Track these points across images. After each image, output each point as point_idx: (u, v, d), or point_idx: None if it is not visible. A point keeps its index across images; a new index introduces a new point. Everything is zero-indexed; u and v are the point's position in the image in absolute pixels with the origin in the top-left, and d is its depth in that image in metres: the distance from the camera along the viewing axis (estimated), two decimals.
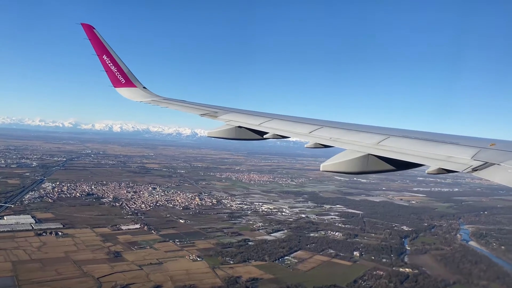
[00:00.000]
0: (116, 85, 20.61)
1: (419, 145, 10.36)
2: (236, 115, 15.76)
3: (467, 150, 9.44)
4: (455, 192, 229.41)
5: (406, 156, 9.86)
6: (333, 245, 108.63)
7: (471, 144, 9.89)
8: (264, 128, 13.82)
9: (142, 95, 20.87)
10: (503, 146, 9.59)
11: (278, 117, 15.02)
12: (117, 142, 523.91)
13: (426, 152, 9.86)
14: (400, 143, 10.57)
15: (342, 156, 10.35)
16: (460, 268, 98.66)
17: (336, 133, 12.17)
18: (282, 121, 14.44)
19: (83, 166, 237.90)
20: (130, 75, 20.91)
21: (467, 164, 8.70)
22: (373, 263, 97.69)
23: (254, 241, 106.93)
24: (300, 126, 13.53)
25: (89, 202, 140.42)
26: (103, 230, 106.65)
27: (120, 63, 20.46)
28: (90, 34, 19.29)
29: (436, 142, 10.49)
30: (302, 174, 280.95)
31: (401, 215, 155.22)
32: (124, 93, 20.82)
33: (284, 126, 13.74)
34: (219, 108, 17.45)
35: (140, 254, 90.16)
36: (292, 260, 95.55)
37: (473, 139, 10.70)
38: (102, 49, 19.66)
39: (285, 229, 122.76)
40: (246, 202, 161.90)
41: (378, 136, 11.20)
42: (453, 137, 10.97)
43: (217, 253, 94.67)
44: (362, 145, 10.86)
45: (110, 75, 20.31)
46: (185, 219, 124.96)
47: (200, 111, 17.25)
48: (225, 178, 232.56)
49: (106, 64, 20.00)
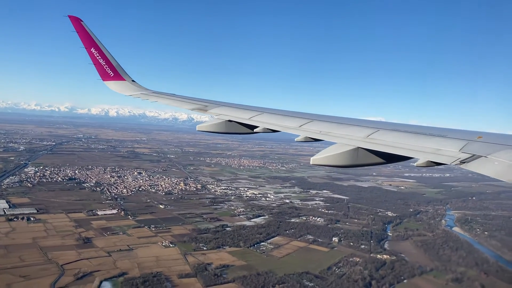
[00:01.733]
0: (105, 78, 20.40)
1: (408, 138, 10.51)
2: (226, 109, 15.74)
3: (455, 142, 9.59)
4: (446, 177, 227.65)
5: (395, 149, 9.98)
6: (313, 231, 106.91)
7: (459, 137, 10.02)
8: (254, 122, 13.85)
9: (131, 89, 20.76)
10: (490, 138, 9.79)
11: (268, 111, 15.04)
12: (111, 126, 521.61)
13: (415, 145, 9.99)
14: (389, 137, 10.72)
15: (332, 149, 10.45)
16: (439, 254, 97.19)
17: (326, 127, 12.30)
18: (272, 114, 14.45)
19: (71, 151, 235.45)
20: (118, 68, 20.75)
21: (455, 157, 8.86)
22: (351, 249, 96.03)
23: (232, 227, 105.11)
24: (290, 119, 13.56)
25: (69, 187, 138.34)
26: (78, 215, 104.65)
27: (109, 56, 20.21)
28: (78, 27, 19.00)
29: (424, 135, 10.63)
30: (293, 159, 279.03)
31: (388, 200, 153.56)
32: (113, 86, 20.64)
33: (274, 120, 13.78)
34: (209, 102, 17.34)
35: (111, 240, 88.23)
36: (268, 246, 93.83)
37: (460, 132, 10.85)
38: (90, 42, 19.39)
39: (266, 214, 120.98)
40: (231, 187, 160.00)
41: (367, 130, 11.36)
42: (441, 130, 11.08)
43: (191, 239, 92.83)
44: (352, 138, 11.01)
45: (99, 68, 20.09)
46: (166, 205, 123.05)
47: (190, 105, 17.18)
48: (215, 163, 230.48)
49: (94, 57, 19.76)
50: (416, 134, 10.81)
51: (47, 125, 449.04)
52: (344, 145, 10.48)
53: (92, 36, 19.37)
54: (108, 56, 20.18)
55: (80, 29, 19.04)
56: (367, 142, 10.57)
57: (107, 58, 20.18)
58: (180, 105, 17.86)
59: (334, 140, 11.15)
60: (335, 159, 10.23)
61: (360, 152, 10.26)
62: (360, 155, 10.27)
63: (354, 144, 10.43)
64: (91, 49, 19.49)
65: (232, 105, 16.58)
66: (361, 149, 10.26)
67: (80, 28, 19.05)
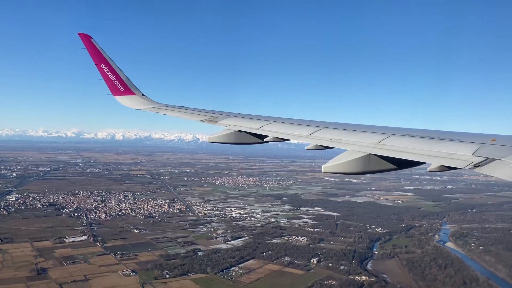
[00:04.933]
0: (115, 93, 20.51)
1: (419, 143, 10.30)
2: (235, 120, 15.79)
3: (468, 146, 9.40)
4: (447, 189, 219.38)
5: (407, 154, 9.83)
6: (292, 252, 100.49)
7: (472, 140, 9.79)
8: (264, 132, 13.84)
9: (141, 103, 20.81)
10: (504, 141, 9.51)
11: (278, 120, 15.04)
12: (115, 150, 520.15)
13: (427, 149, 9.80)
14: (400, 142, 10.55)
15: (343, 157, 10.31)
16: (424, 273, 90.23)
17: (337, 134, 12.20)
18: (282, 124, 14.47)
19: (64, 176, 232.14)
20: (128, 83, 20.85)
21: (468, 161, 8.67)
22: (329, 271, 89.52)
23: (205, 251, 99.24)
24: (300, 128, 13.50)
25: (47, 213, 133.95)
26: (43, 244, 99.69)
27: (118, 71, 20.32)
28: (88, 44, 19.23)
29: (437, 139, 10.39)
30: (292, 176, 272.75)
31: (380, 216, 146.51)
32: (123, 101, 20.75)
33: (284, 129, 13.76)
34: (219, 113, 17.28)
35: (69, 270, 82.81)
36: (238, 271, 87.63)
37: (474, 135, 10.46)
38: (100, 58, 19.57)
39: (246, 236, 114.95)
40: (218, 207, 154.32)
41: (378, 136, 11.22)
42: (454, 134, 10.82)
43: (156, 266, 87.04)
44: (363, 145, 10.87)
45: (109, 83, 20.21)
46: (141, 229, 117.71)
47: (200, 117, 17.15)
48: (209, 183, 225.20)
49: (105, 73, 19.90)
50: (428, 138, 10.55)
51: (49, 150, 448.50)
52: (355, 152, 10.37)
53: (101, 52, 19.53)
54: (118, 71, 20.25)
55: (89, 46, 19.25)
56: (379, 148, 10.46)
57: (117, 73, 20.24)
58: (190, 117, 17.72)
59: (345, 147, 11.04)
60: (347, 166, 10.12)
61: (371, 158, 10.16)
62: (372, 161, 10.16)
63: (366, 150, 10.32)
64: (101, 65, 19.63)
65: (242, 115, 16.51)
66: (373, 155, 10.15)
67: (90, 45, 19.25)
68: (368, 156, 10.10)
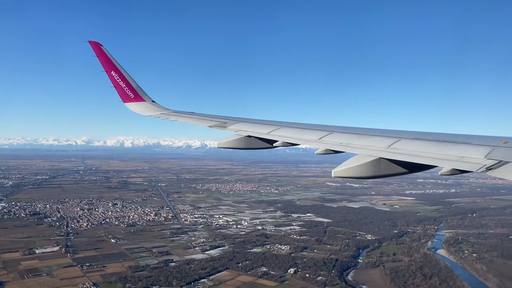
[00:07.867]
0: (125, 100, 20.68)
1: (430, 146, 10.12)
2: (245, 125, 15.78)
3: (480, 149, 9.20)
4: (450, 193, 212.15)
5: (418, 158, 9.61)
6: (270, 262, 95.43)
7: (484, 143, 9.58)
8: (273, 137, 13.74)
9: (151, 109, 20.93)
10: None
11: (287, 124, 15.02)
12: (120, 157, 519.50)
13: (438, 153, 9.65)
14: (411, 146, 10.38)
15: (353, 161, 10.15)
16: (407, 284, 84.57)
17: (346, 138, 12.04)
18: (291, 128, 14.38)
19: (59, 184, 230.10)
20: (138, 90, 21.00)
21: (480, 164, 8.49)
22: (305, 282, 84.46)
23: (177, 262, 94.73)
24: (309, 132, 13.35)
25: (28, 222, 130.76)
26: (11, 255, 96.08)
27: (128, 78, 20.49)
28: (98, 51, 19.50)
29: (448, 142, 10.17)
30: (292, 181, 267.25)
31: (374, 222, 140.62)
32: (133, 107, 20.85)
33: (294, 134, 13.63)
34: (228, 119, 17.17)
35: (27, 284, 78.93)
36: (207, 283, 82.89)
37: (485, 138, 10.25)
38: (110, 65, 19.82)
39: (227, 245, 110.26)
40: (206, 215, 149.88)
41: (389, 140, 11.01)
42: (466, 137, 10.50)
43: (121, 278, 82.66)
44: (373, 149, 10.69)
45: (119, 90, 20.42)
46: (119, 238, 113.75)
47: (209, 123, 17.10)
48: (205, 189, 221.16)
49: (115, 80, 20.10)
50: (439, 142, 10.35)
51: (55, 159, 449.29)
52: (365, 156, 10.18)
53: (112, 59, 19.73)
54: (128, 78, 20.37)
55: (100, 54, 19.46)
56: (389, 152, 10.25)
57: (127, 80, 20.36)
58: (199, 122, 17.79)
59: (355, 151, 10.84)
60: (357, 170, 9.92)
61: (382, 162, 9.95)
62: (382, 165, 9.97)
63: (376, 154, 10.13)
64: (111, 72, 19.81)
65: (251, 120, 16.58)
66: (383, 159, 9.95)
67: (100, 53, 19.46)
68: (378, 160, 9.97)
